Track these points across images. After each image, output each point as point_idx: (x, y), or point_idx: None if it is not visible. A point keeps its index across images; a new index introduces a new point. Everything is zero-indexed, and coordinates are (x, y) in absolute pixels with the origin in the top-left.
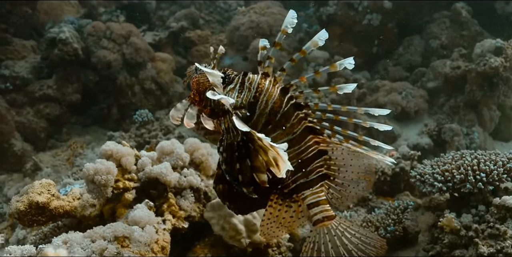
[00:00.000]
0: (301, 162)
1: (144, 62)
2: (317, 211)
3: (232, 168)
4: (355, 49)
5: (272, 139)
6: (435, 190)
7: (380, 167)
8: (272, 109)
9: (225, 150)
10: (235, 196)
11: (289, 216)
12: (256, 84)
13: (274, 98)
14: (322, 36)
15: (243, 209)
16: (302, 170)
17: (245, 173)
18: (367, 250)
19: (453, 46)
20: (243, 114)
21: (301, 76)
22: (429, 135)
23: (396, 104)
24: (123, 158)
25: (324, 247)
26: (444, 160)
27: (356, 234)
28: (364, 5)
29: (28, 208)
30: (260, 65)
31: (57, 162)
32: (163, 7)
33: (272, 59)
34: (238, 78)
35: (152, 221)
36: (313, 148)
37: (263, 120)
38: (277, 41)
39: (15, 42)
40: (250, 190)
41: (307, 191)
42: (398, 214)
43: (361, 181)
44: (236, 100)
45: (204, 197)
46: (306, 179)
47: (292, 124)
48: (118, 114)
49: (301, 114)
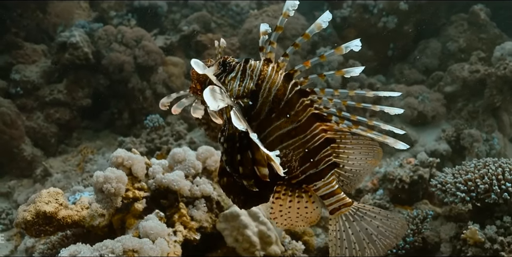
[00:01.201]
0: (308, 151)
1: (155, 66)
2: (333, 201)
3: (232, 159)
4: (370, 52)
5: (275, 128)
6: (457, 200)
7: (397, 175)
8: (276, 96)
9: (226, 140)
10: (239, 189)
11: (303, 207)
12: (258, 71)
13: (277, 85)
14: (326, 17)
15: (248, 203)
16: (310, 160)
17: (246, 165)
18: (387, 232)
19: (471, 49)
20: (245, 103)
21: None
22: (447, 141)
23: (413, 109)
24: (133, 166)
25: (345, 234)
26: (466, 169)
27: (376, 216)
28: (380, 7)
29: (35, 218)
30: (262, 50)
31: (67, 168)
32: (175, 10)
33: (274, 44)
34: (239, 65)
35: (163, 233)
36: (320, 137)
37: (266, 109)
38: (278, 25)
39: (26, 46)
40: (251, 183)
41: (319, 182)
42: (417, 224)
43: (368, 165)
44: (237, 89)
45: (217, 207)
46: (316, 169)
47: (296, 111)
48: (129, 118)
49: (306, 100)
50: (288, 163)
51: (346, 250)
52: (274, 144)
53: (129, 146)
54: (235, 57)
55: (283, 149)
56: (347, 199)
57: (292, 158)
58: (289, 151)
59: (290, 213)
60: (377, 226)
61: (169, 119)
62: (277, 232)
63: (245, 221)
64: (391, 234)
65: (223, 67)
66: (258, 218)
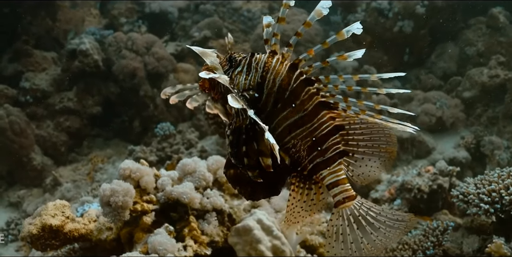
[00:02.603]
0: (315, 140)
1: (166, 73)
2: (337, 191)
3: (238, 151)
4: (385, 57)
5: (282, 118)
6: (481, 212)
7: (416, 184)
8: (280, 87)
9: (232, 133)
10: (246, 181)
11: (310, 199)
12: (263, 63)
13: (281, 75)
14: (325, 4)
15: (255, 195)
16: (318, 148)
17: (251, 156)
18: (395, 225)
19: (490, 53)
20: (251, 95)
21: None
22: (466, 148)
23: (431, 115)
24: (141, 179)
25: (349, 228)
26: (490, 179)
27: (381, 213)
28: (395, 12)
29: (41, 232)
30: (267, 43)
31: (77, 177)
32: (186, 17)
33: (278, 35)
34: (245, 60)
35: (172, 249)
36: (328, 124)
37: (272, 100)
38: (280, 16)
39: (36, 54)
40: (256, 174)
41: (325, 171)
42: (438, 235)
43: (383, 154)
44: (244, 82)
45: (229, 220)
46: (323, 158)
47: (302, 100)
48: (140, 126)
49: (312, 89)
50: (297, 153)
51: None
52: (283, 135)
53: (139, 155)
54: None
55: (292, 139)
56: (351, 191)
57: (300, 148)
58: (297, 141)
59: (298, 206)
60: (385, 221)
61: (180, 127)
62: (292, 246)
63: (258, 235)
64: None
65: (229, 62)
66: (272, 232)
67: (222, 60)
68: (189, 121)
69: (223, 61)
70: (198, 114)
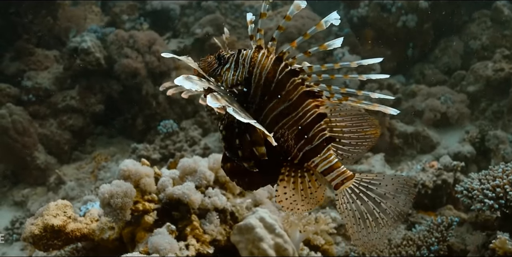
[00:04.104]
0: (301, 128)
1: (168, 71)
2: (334, 176)
3: (232, 144)
4: (389, 52)
5: (269, 110)
6: (485, 207)
7: (420, 179)
8: (266, 79)
9: (225, 128)
10: (243, 173)
11: (307, 187)
12: (249, 59)
13: (267, 68)
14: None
15: (252, 185)
16: (305, 136)
17: (245, 148)
18: (395, 199)
19: (494, 47)
20: (239, 90)
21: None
22: (471, 143)
23: (435, 110)
24: (141, 180)
25: (354, 205)
26: (494, 174)
27: (381, 183)
28: (398, 6)
29: (43, 232)
30: (252, 39)
31: (81, 175)
32: (188, 13)
33: (261, 31)
34: (232, 57)
35: (173, 249)
36: (312, 112)
37: (259, 92)
38: (262, 11)
39: (38, 53)
40: (251, 164)
41: (316, 158)
42: (442, 231)
43: (368, 136)
44: (232, 78)
45: (231, 218)
46: (311, 145)
47: (287, 91)
48: (143, 124)
49: (297, 80)
50: (286, 143)
51: (361, 221)
52: (271, 125)
53: (142, 153)
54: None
55: (279, 129)
56: (348, 172)
57: (288, 137)
58: (285, 130)
59: (295, 196)
60: (384, 193)
61: (183, 124)
62: (294, 244)
63: (260, 233)
64: (401, 200)
65: (218, 60)
66: (274, 230)
67: (212, 58)
68: (192, 118)
69: (213, 60)
70: (201, 111)
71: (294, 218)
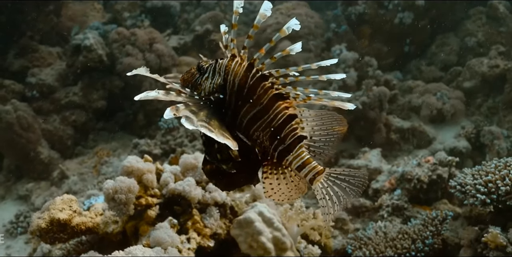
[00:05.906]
0: (274, 129)
1: (168, 67)
2: (306, 171)
3: (211, 149)
4: (386, 49)
5: (244, 114)
6: (478, 202)
7: (416, 174)
8: (239, 86)
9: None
10: (221, 174)
11: (290, 181)
12: (224, 67)
13: (239, 75)
14: (267, 6)
15: (229, 186)
16: (277, 137)
17: (223, 151)
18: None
19: (490, 43)
20: (216, 97)
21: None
22: (467, 138)
23: (431, 106)
24: (144, 176)
25: (329, 197)
26: (487, 169)
27: (345, 178)
28: (395, 3)
29: (49, 225)
30: (227, 48)
31: (83, 170)
32: (188, 10)
33: (234, 40)
34: (210, 66)
35: (174, 242)
36: (282, 114)
37: (234, 99)
38: (233, 23)
39: (41, 49)
40: (230, 165)
41: (289, 156)
42: (437, 225)
43: (335, 132)
44: (209, 86)
45: (231, 212)
46: (284, 145)
47: (258, 95)
48: (144, 120)
49: (267, 84)
50: (262, 144)
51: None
52: (247, 128)
53: (143, 148)
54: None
55: (255, 131)
56: (318, 167)
57: (263, 139)
58: (260, 132)
59: (282, 189)
60: (345, 187)
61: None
62: (292, 237)
63: (259, 227)
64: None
65: (198, 71)
66: (273, 224)
67: (194, 69)
68: None
69: (194, 70)
70: None
71: (292, 212)
